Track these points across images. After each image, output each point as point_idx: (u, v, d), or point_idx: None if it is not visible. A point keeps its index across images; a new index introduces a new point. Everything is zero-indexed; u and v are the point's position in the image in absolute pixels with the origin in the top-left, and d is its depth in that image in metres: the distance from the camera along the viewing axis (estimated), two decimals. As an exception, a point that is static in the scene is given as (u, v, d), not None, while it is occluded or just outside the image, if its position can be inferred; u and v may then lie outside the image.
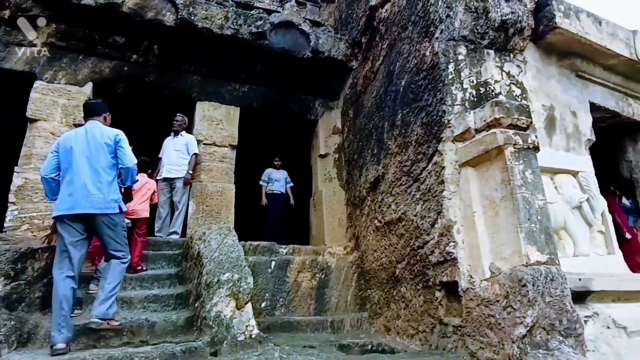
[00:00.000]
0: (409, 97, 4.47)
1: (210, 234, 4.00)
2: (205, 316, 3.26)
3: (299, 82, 6.46)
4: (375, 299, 4.93)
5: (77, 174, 3.15)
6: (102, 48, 5.44)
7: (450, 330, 3.51)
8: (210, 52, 5.81)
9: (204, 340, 3.11)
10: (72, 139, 3.30)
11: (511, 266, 3.02)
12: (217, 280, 3.39)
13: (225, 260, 3.60)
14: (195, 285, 3.73)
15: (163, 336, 3.36)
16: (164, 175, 5.64)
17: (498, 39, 4.10)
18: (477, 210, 3.42)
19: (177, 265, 4.58)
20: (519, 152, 3.19)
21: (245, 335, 3.26)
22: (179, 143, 5.73)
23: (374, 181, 5.15)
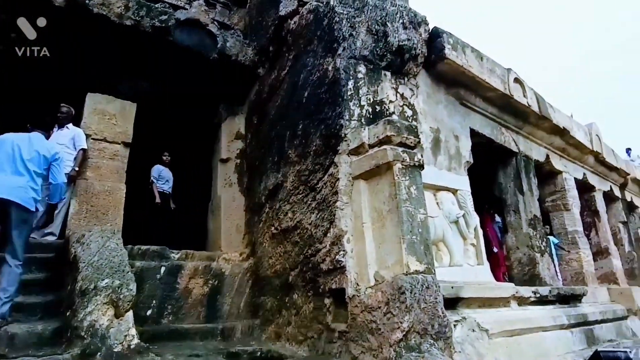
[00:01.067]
0: (310, 108, 4.49)
1: (90, 236, 3.61)
2: (77, 326, 2.92)
3: (204, 83, 6.18)
4: (268, 306, 4.84)
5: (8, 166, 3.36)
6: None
7: (336, 336, 3.55)
8: (107, 42, 5.31)
9: (72, 352, 2.78)
10: (16, 138, 3.52)
11: (393, 275, 3.14)
12: (94, 287, 3.06)
13: (106, 265, 3.27)
14: (68, 293, 3.34)
15: (25, 349, 2.94)
16: None
17: (395, 62, 4.30)
18: (367, 222, 3.51)
19: (49, 270, 4.05)
20: (406, 169, 3.34)
21: (123, 345, 2.98)
22: (64, 136, 5.08)
23: (273, 189, 5.09)
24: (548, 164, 6.89)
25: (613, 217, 9.06)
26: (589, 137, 7.74)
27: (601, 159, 8.21)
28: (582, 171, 7.87)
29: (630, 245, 9.33)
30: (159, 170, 6.93)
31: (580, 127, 7.62)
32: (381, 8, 4.30)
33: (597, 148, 7.94)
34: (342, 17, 4.28)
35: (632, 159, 12.34)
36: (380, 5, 4.32)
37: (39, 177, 3.52)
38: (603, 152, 8.16)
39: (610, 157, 8.61)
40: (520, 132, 6.26)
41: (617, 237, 8.84)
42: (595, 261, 7.51)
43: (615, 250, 8.20)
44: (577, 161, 7.74)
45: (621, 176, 9.36)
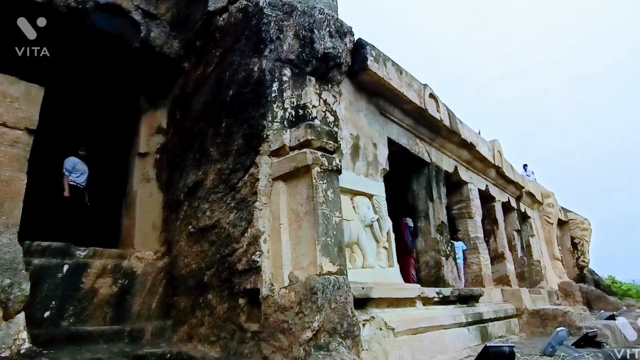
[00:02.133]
0: (234, 107, 4.39)
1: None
2: (-45, 330, 2.57)
3: (124, 73, 5.76)
4: (181, 306, 4.63)
5: None
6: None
7: (248, 336, 3.48)
8: (13, 17, 4.73)
9: (-52, 359, 2.44)
10: None
11: (307, 275, 3.15)
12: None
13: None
14: (-53, 292, 2.92)
15: None
16: None
17: (320, 69, 4.33)
18: (284, 223, 3.49)
19: None
20: (324, 173, 3.37)
21: (12, 350, 2.70)
22: None
23: (192, 186, 4.89)
24: (456, 175, 7.37)
25: (509, 226, 9.90)
26: (492, 152, 8.42)
27: (501, 173, 8.97)
28: (485, 183, 8.53)
29: (522, 251, 10.27)
30: (74, 163, 6.30)
31: (485, 143, 8.27)
32: (309, 15, 4.32)
33: (499, 163, 8.68)
34: (270, 19, 4.23)
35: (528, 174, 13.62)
36: (309, 12, 4.34)
37: None
38: (503, 167, 8.94)
39: (509, 171, 9.45)
40: (433, 144, 6.62)
41: (511, 244, 9.67)
42: (493, 265, 8.15)
43: (510, 255, 8.98)
44: (481, 174, 8.38)
45: (517, 189, 10.30)
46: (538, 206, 12.40)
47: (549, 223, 12.89)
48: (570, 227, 15.08)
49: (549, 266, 12.01)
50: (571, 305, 9.85)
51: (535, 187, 12.31)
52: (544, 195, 12.71)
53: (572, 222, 15.16)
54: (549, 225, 12.90)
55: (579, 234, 15.15)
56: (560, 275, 12.50)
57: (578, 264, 14.94)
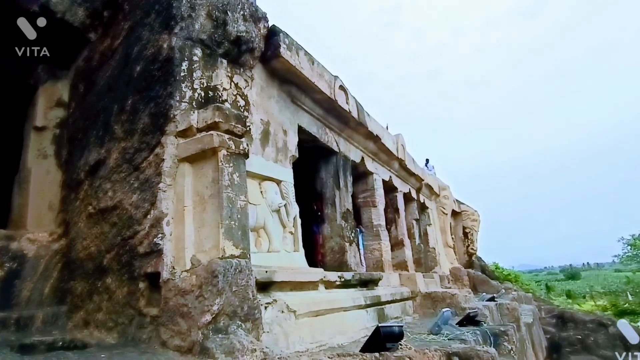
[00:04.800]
0: (141, 84, 4.09)
1: None
2: None
3: (20, 38, 5.09)
4: (78, 291, 4.26)
5: None
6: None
7: (147, 321, 3.30)
8: None
9: None
10: None
11: (209, 258, 3.05)
12: None
13: None
14: None
15: None
16: None
17: (232, 52, 4.17)
18: (188, 205, 3.35)
19: None
20: (230, 156, 3.27)
21: None
22: None
23: (94, 164, 4.50)
24: (362, 165, 7.60)
25: (409, 215, 10.48)
26: (396, 145, 8.83)
27: (404, 165, 9.45)
28: (389, 174, 8.93)
29: (420, 238, 10.93)
30: None
31: (390, 137, 8.63)
32: (224, -5, 4.12)
33: (402, 156, 9.12)
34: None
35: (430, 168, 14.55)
36: (224, -7, 4.13)
37: None
38: (405, 160, 9.42)
39: (411, 164, 10.00)
40: (342, 135, 6.76)
41: (411, 232, 10.23)
42: (393, 251, 8.55)
43: (409, 243, 9.50)
44: (385, 165, 8.75)
45: (418, 181, 10.95)
46: (435, 198, 13.30)
47: (444, 213, 13.91)
48: (462, 217, 16.37)
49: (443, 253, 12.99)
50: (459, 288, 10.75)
51: (434, 180, 13.19)
52: (441, 188, 13.67)
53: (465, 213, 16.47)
54: (444, 216, 13.91)
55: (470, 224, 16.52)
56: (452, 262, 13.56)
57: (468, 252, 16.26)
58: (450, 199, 14.51)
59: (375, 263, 7.66)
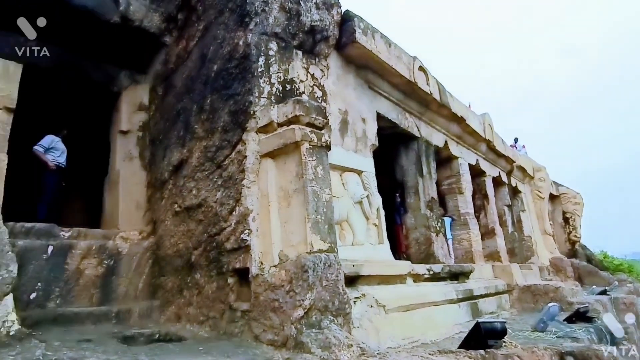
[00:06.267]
0: (219, 83, 4.41)
1: (-38, 212, 3.25)
2: (-57, 313, 2.65)
3: (103, 48, 5.74)
4: (168, 287, 4.76)
5: None
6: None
7: (238, 315, 3.61)
8: None
9: None
10: None
11: (297, 253, 3.27)
12: (-35, 269, 2.78)
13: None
14: None
15: None
16: None
17: (306, 42, 4.36)
18: (273, 200, 3.59)
19: None
20: (313, 149, 3.46)
21: (1, 332, 2.78)
22: None
23: (177, 164, 4.95)
24: (446, 149, 7.50)
25: (500, 201, 10.12)
26: (482, 126, 8.55)
27: (492, 147, 9.13)
28: (475, 157, 8.69)
29: (513, 226, 10.51)
30: (53, 141, 6.25)
31: (475, 117, 8.38)
32: (295, -15, 4.31)
33: (489, 136, 8.82)
34: (255, -9, 4.22)
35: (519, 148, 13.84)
36: (294, -17, 4.32)
37: None
38: (494, 141, 9.08)
39: (500, 145, 9.61)
40: (422, 118, 6.72)
41: (502, 219, 9.89)
42: (483, 240, 8.35)
43: (501, 231, 9.20)
44: (471, 148, 8.52)
45: (508, 163, 10.50)
46: (529, 180, 12.65)
47: (540, 198, 13.17)
48: (562, 201, 15.40)
49: (540, 241, 12.33)
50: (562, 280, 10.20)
51: (527, 161, 12.53)
52: (535, 170, 12.95)
53: (564, 196, 15.47)
54: (540, 200, 13.18)
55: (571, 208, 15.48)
56: (552, 251, 12.84)
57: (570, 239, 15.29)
58: (547, 181, 13.69)
59: (464, 254, 7.56)
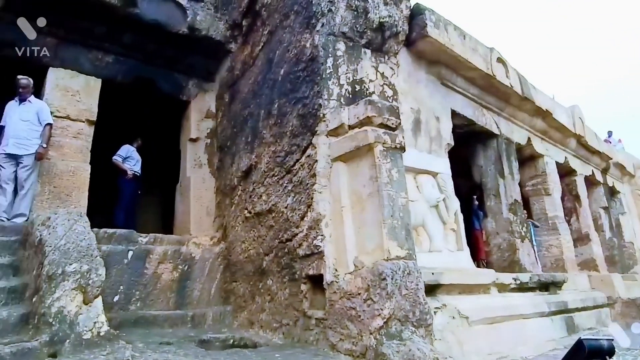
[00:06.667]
0: (287, 87, 4.52)
1: (56, 219, 3.56)
2: (45, 312, 2.93)
3: (172, 59, 6.15)
4: (240, 292, 4.93)
5: None
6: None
7: (313, 323, 3.65)
8: (70, 13, 5.23)
9: (40, 339, 2.79)
10: None
11: (373, 260, 3.24)
12: (61, 272, 3.05)
13: (74, 249, 3.25)
14: (34, 278, 3.32)
15: None
16: (9, 150, 4.82)
17: (375, 40, 4.35)
18: (346, 205, 3.60)
19: (13, 254, 4.00)
20: (387, 151, 3.43)
21: (93, 333, 3.02)
22: (28, 111, 4.92)
23: (246, 170, 5.12)
24: (529, 147, 7.12)
25: (594, 202, 9.42)
26: (571, 119, 8.00)
27: (583, 143, 8.50)
28: (563, 155, 8.16)
29: (611, 231, 9.72)
30: (129, 150, 6.83)
31: (562, 110, 7.87)
32: (361, -18, 4.32)
33: (580, 131, 8.22)
34: (320, -9, 4.28)
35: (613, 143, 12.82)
36: (361, -21, 4.33)
37: None
38: (586, 136, 8.45)
39: (593, 140, 8.93)
40: (502, 114, 6.44)
41: (597, 223, 9.20)
42: (576, 247, 7.80)
43: (596, 237, 8.56)
44: (558, 144, 8.01)
45: (603, 160, 9.72)
46: (629, 179, 11.65)
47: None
48: (670, 201, 14.03)
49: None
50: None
51: (626, 157, 11.56)
52: (636, 167, 11.90)
53: (672, 196, 14.09)
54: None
55: (681, 210, 14.06)
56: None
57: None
58: (650, 179, 12.53)
59: (554, 262, 7.12)
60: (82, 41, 5.51)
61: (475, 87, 5.76)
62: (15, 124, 4.89)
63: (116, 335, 3.16)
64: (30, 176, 4.83)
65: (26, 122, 4.86)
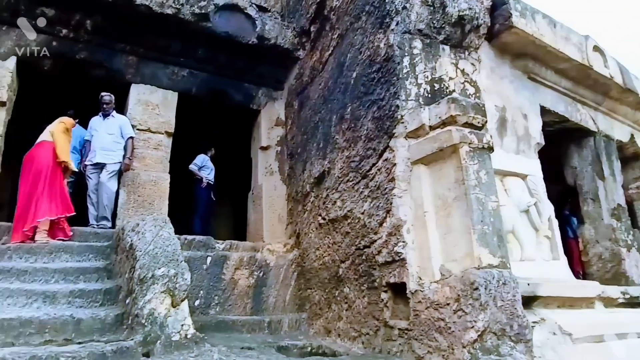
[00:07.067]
0: (360, 90, 4.51)
1: (144, 225, 3.83)
2: (138, 314, 3.14)
3: (242, 69, 6.42)
4: (315, 299, 4.96)
5: None
6: (28, 20, 5.18)
7: (396, 334, 3.59)
8: (148, 32, 5.68)
9: (135, 339, 3.00)
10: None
11: (463, 268, 3.12)
12: (151, 275, 3.26)
13: (161, 254, 3.46)
14: (126, 280, 3.57)
15: (90, 334, 3.21)
16: (96, 159, 5.39)
17: (454, 35, 4.23)
18: (429, 210, 3.51)
19: (106, 258, 4.37)
20: (474, 152, 3.31)
21: (181, 335, 3.19)
22: (112, 125, 5.47)
23: (318, 176, 5.16)
24: (633, 145, 6.57)
25: None
26: (685, 111, 7.26)
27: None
28: (675, 151, 7.42)
29: None
30: (206, 160, 7.27)
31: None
32: (438, -26, 4.23)
33: (695, 123, 7.43)
34: (394, -11, 4.24)
35: None
36: (437, -28, 4.25)
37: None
38: None
39: None
40: (599, 109, 5.99)
41: None
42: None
43: None
44: (668, 141, 7.32)
45: None
46: None
47: None
48: None
49: None
50: None
51: None
52: None
53: None
54: None
55: None
56: None
57: None
58: None
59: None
60: (160, 58, 5.95)
61: (568, 80, 5.42)
62: (102, 137, 5.42)
63: (202, 338, 3.31)
64: (110, 180, 5.31)
65: (112, 135, 5.39)
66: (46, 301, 3.49)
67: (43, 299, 3.49)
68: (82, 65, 5.59)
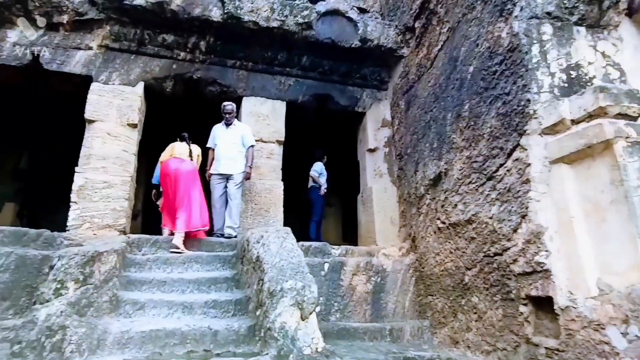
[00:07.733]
0: (479, 85, 4.06)
1: (268, 237, 3.77)
2: (270, 327, 3.04)
3: (346, 73, 6.25)
4: (438, 307, 4.59)
5: None
6: (152, 47, 5.53)
7: (542, 353, 3.11)
8: (256, 46, 5.75)
9: (270, 353, 2.92)
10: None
11: (628, 283, 2.57)
12: (280, 289, 3.15)
13: (287, 266, 3.36)
14: (255, 292, 3.51)
15: (226, 345, 3.23)
16: (222, 170, 5.36)
17: (590, 14, 3.60)
18: (576, 215, 2.96)
19: (232, 267, 4.40)
20: (632, 147, 2.71)
21: (312, 348, 3.03)
22: (234, 134, 5.44)
23: (434, 178, 4.78)
24: None
25: None
26: None
27: None
28: None
29: None
30: (322, 167, 7.22)
31: None
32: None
33: None
34: (515, -30, 3.71)
35: None
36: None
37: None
38: None
39: None
40: None
41: None
42: None
43: None
44: None
45: None
46: None
47: None
48: None
49: None
50: None
51: None
52: None
53: None
54: None
55: None
56: None
57: None
58: None
59: None
60: (267, 69, 5.98)
61: None
62: (226, 146, 5.41)
63: (332, 352, 3.13)
64: (238, 190, 5.30)
65: (234, 144, 5.37)
66: (185, 312, 3.58)
67: (182, 309, 3.57)
68: (198, 84, 5.79)
